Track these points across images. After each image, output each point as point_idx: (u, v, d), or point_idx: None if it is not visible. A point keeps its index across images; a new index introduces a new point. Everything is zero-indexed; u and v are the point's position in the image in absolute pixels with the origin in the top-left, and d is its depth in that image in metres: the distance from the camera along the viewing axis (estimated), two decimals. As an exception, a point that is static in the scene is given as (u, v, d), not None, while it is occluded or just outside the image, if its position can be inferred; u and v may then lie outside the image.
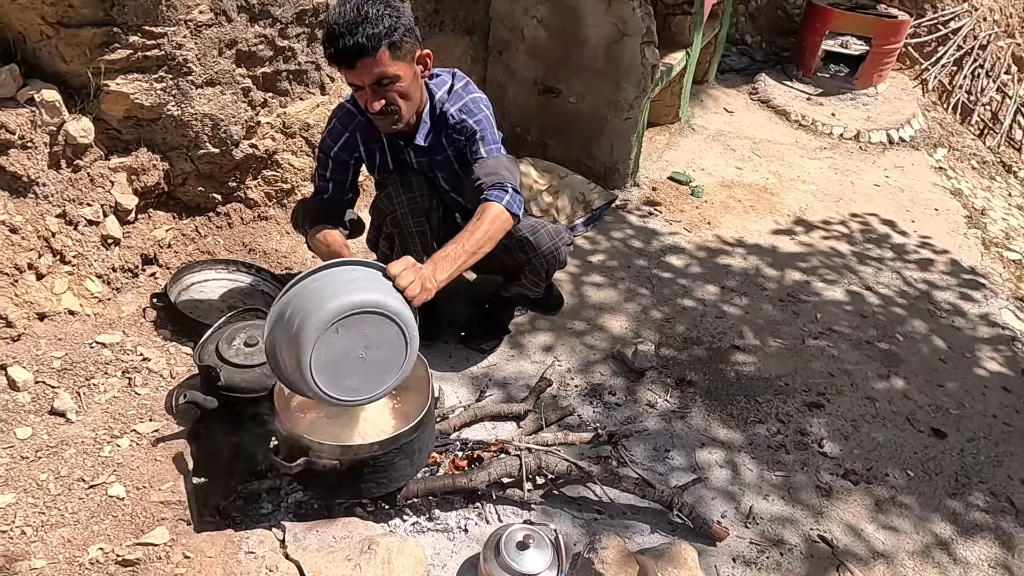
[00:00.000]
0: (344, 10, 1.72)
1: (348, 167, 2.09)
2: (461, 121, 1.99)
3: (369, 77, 1.78)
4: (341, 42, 1.71)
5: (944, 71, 5.34)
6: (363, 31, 1.70)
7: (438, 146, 2.06)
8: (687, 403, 2.37)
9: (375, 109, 1.82)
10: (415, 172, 2.12)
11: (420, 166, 2.12)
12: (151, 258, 2.32)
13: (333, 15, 1.73)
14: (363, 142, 2.06)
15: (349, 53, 1.72)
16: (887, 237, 3.64)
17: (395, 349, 1.51)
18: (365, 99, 1.83)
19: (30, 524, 1.47)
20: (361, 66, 1.75)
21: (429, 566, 1.74)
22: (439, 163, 2.11)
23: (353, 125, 2.03)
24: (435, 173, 2.15)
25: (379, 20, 1.71)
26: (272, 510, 1.82)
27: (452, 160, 2.10)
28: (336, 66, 1.80)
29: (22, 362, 1.78)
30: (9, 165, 1.88)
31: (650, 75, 3.26)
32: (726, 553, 1.90)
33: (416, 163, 2.12)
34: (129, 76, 2.05)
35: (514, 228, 1.91)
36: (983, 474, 2.29)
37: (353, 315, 1.42)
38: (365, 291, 1.46)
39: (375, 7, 1.72)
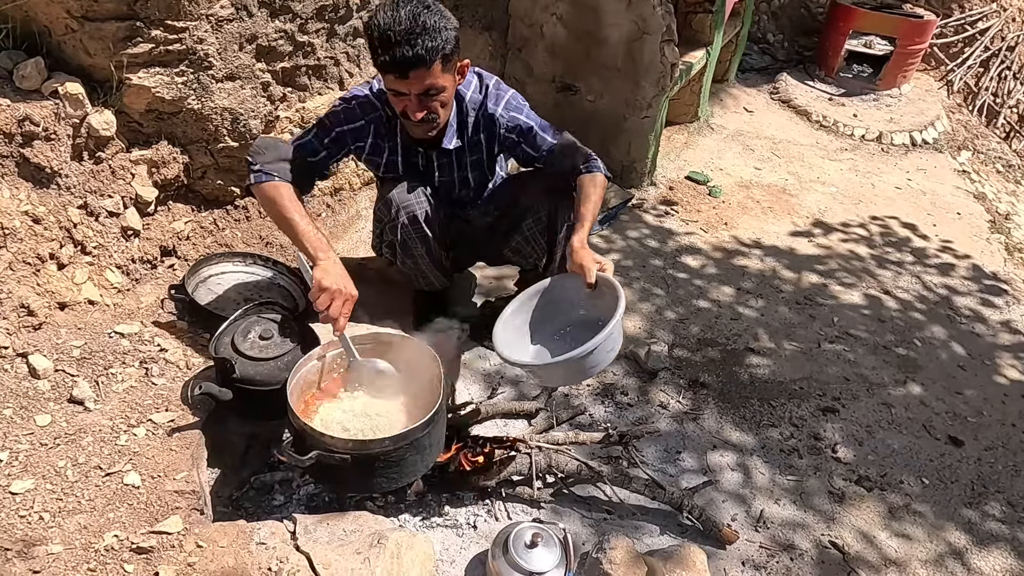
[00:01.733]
0: (399, 16, 1.68)
1: (344, 149, 2.01)
2: (512, 119, 2.00)
3: (418, 88, 1.76)
4: (399, 51, 1.68)
5: (970, 72, 5.25)
6: (422, 43, 1.68)
7: (470, 147, 2.06)
8: (700, 405, 2.36)
9: (417, 118, 1.82)
10: (417, 176, 2.09)
11: (439, 168, 2.10)
12: (170, 250, 2.35)
13: (385, 19, 1.69)
14: (374, 135, 2.02)
15: (405, 63, 1.70)
16: (907, 241, 3.59)
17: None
18: (405, 105, 1.81)
19: (48, 510, 1.50)
20: (414, 76, 1.73)
21: (438, 561, 1.75)
22: (469, 163, 2.10)
23: (371, 116, 1.99)
24: (455, 175, 2.13)
25: (437, 32, 1.70)
26: (284, 502, 1.84)
27: (483, 161, 2.10)
28: (383, 71, 1.76)
29: (43, 350, 1.81)
30: (33, 156, 1.91)
31: (669, 74, 3.24)
32: (735, 557, 1.89)
33: (437, 166, 2.09)
34: (151, 70, 2.07)
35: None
36: (1000, 483, 2.26)
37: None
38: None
39: (432, 17, 1.70)
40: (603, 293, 1.77)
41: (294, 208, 1.78)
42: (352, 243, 2.84)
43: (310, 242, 1.74)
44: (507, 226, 2.21)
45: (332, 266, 1.70)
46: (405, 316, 2.44)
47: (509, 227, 2.20)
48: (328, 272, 1.67)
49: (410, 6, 1.70)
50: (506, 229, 2.22)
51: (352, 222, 2.95)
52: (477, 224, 2.28)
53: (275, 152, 1.87)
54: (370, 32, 1.73)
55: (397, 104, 1.84)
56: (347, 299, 1.67)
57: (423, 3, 1.72)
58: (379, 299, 2.54)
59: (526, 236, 2.19)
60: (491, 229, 2.27)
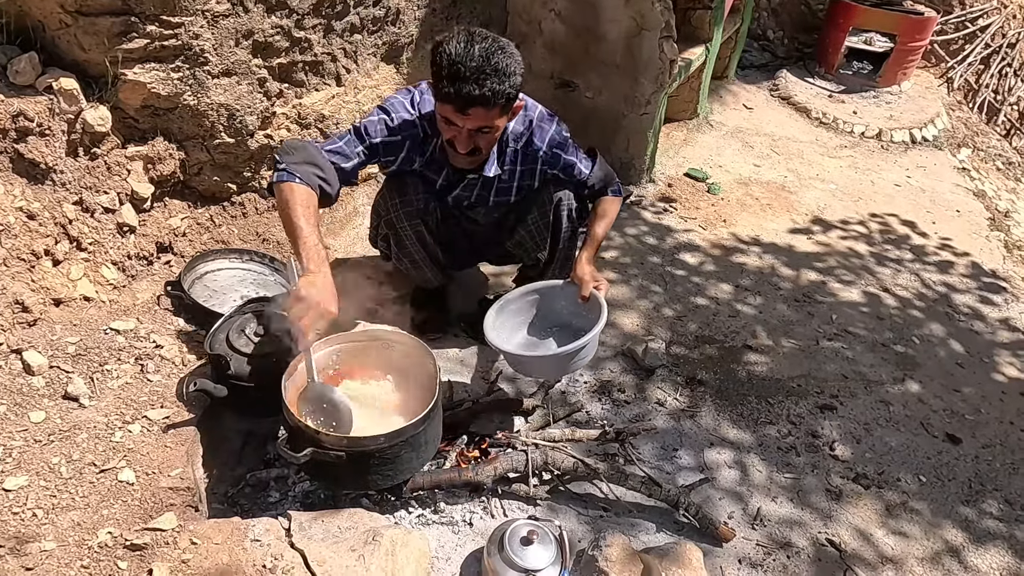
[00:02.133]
0: (472, 52, 1.67)
1: (375, 158, 2.00)
2: (554, 156, 2.05)
3: (473, 124, 1.77)
4: (465, 88, 1.67)
5: (970, 70, 5.24)
6: (490, 85, 1.68)
7: (505, 174, 2.06)
8: (697, 402, 2.35)
9: (463, 151, 1.83)
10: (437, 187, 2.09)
11: (466, 186, 2.09)
12: (166, 246, 2.34)
13: (457, 51, 1.67)
14: (408, 150, 1.99)
15: (469, 100, 1.69)
16: (907, 238, 3.58)
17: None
18: (454, 135, 1.82)
19: (41, 506, 1.50)
20: (473, 114, 1.73)
21: (433, 558, 1.75)
22: (496, 188, 2.11)
23: (408, 133, 1.96)
24: (475, 193, 2.12)
25: (506, 77, 1.70)
26: (279, 499, 1.84)
27: (512, 188, 2.11)
28: (442, 100, 1.75)
29: (37, 347, 1.81)
30: (28, 152, 1.90)
31: (668, 70, 3.23)
32: (732, 554, 1.89)
33: (464, 184, 2.08)
34: (146, 65, 2.06)
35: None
36: (998, 481, 2.25)
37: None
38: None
39: (504, 59, 1.69)
40: (592, 308, 1.99)
41: (303, 214, 1.71)
42: (349, 240, 2.83)
43: (307, 252, 1.67)
44: (512, 220, 2.21)
45: (320, 279, 1.63)
46: (402, 313, 2.44)
47: (514, 221, 2.21)
48: (313, 284, 1.61)
49: (485, 44, 1.69)
50: (511, 224, 2.22)
51: (349, 219, 2.94)
52: (482, 222, 2.27)
53: (303, 154, 1.81)
54: (438, 59, 1.71)
55: (446, 132, 1.84)
56: (322, 314, 1.60)
57: (498, 43, 1.72)
58: (376, 296, 2.54)
59: (530, 230, 2.19)
60: (496, 225, 2.27)
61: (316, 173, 1.79)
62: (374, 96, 2.92)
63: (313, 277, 1.63)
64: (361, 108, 2.87)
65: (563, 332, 2.11)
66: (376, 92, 2.92)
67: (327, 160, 1.85)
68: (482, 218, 2.26)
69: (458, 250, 2.34)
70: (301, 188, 1.75)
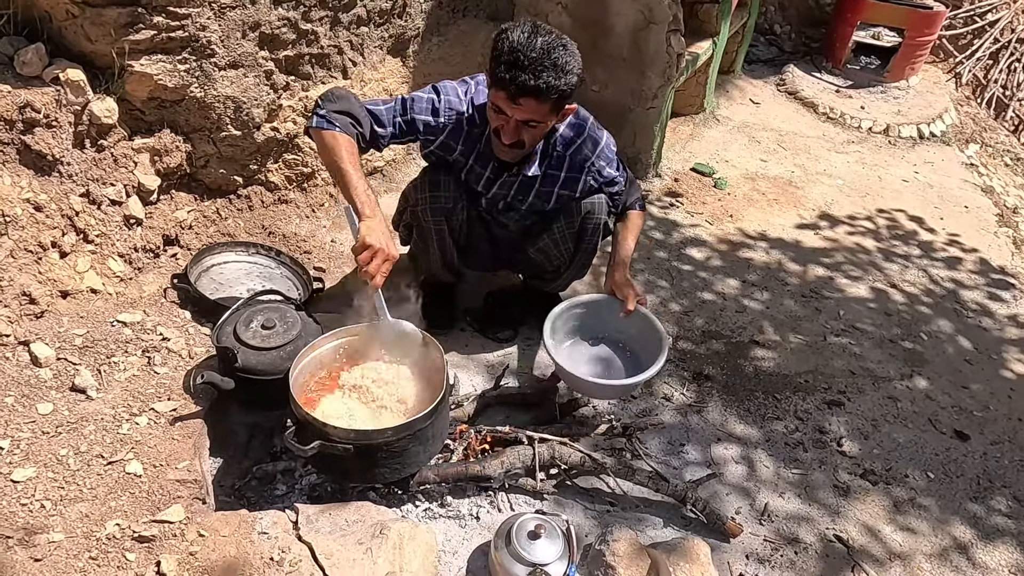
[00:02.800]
0: (534, 43, 1.67)
1: (412, 135, 1.97)
2: (601, 169, 2.07)
3: (522, 115, 1.77)
4: (521, 76, 1.67)
5: (979, 65, 5.20)
6: (545, 78, 1.68)
7: (547, 177, 2.06)
8: (704, 397, 2.35)
9: (507, 142, 1.84)
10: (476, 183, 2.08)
11: (503, 185, 2.08)
12: (173, 239, 2.34)
13: (519, 40, 1.68)
14: (448, 136, 1.97)
15: (523, 89, 1.69)
16: (914, 234, 3.56)
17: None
18: (501, 124, 1.82)
19: (49, 498, 1.50)
20: (524, 104, 1.73)
21: (440, 552, 1.75)
22: (538, 193, 2.10)
23: (451, 120, 1.95)
24: (512, 193, 2.10)
25: (562, 74, 1.70)
26: (287, 491, 1.84)
27: (550, 193, 2.10)
28: (496, 86, 1.75)
29: (45, 339, 1.81)
30: (35, 144, 1.89)
31: (675, 64, 3.21)
32: (739, 550, 1.88)
33: (502, 182, 2.07)
34: (153, 57, 2.06)
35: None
36: (1006, 478, 2.24)
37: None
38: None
39: (564, 55, 1.70)
40: (635, 322, 2.09)
41: (350, 161, 1.74)
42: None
43: (359, 197, 1.70)
44: (538, 227, 2.20)
45: (378, 224, 1.68)
46: (410, 306, 2.43)
47: (540, 228, 2.20)
48: (373, 230, 1.65)
49: (548, 37, 1.70)
50: (537, 230, 2.21)
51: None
52: (512, 228, 2.25)
53: (345, 104, 1.82)
54: (499, 45, 1.71)
55: (494, 120, 1.84)
56: (387, 258, 1.65)
57: (561, 40, 1.72)
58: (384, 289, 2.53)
59: (555, 238, 2.18)
60: (523, 232, 2.25)
61: (352, 124, 1.82)
62: (380, 89, 2.91)
63: (370, 222, 1.68)
64: (367, 101, 2.86)
65: (607, 343, 2.20)
66: (382, 85, 2.91)
67: (366, 115, 1.87)
68: (513, 224, 2.24)
69: (479, 254, 2.33)
70: (342, 136, 1.77)
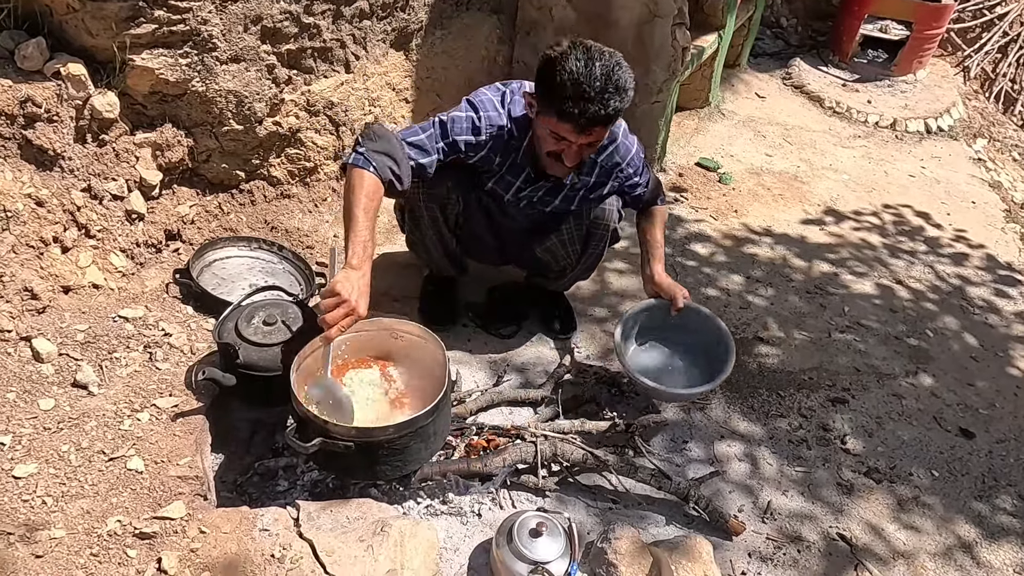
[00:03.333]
0: (594, 71, 1.64)
1: (456, 155, 1.92)
2: (629, 175, 2.07)
3: (587, 140, 1.75)
4: (591, 108, 1.65)
5: (988, 58, 5.15)
6: (613, 104, 1.67)
7: (578, 183, 2.05)
8: (707, 394, 2.33)
9: (571, 164, 1.83)
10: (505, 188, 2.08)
11: (535, 189, 2.06)
12: (175, 234, 2.33)
13: (580, 71, 1.63)
14: (490, 149, 1.94)
15: (594, 120, 1.68)
16: (920, 230, 3.54)
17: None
18: (563, 149, 1.79)
19: (51, 494, 1.50)
20: (594, 133, 1.72)
21: (442, 549, 1.74)
22: (566, 197, 2.09)
23: (493, 136, 1.92)
24: (540, 196, 2.09)
25: (625, 93, 1.69)
26: (288, 488, 1.83)
27: (575, 197, 2.08)
28: (562, 119, 1.70)
29: (46, 334, 1.81)
30: (36, 139, 1.89)
31: (680, 58, 3.19)
32: (742, 548, 1.87)
33: (534, 187, 2.05)
34: (154, 51, 2.04)
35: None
36: (1011, 477, 2.23)
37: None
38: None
39: (623, 75, 1.68)
40: (686, 319, 2.19)
41: (364, 204, 1.68)
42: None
43: (355, 245, 1.65)
44: (547, 226, 2.18)
45: (357, 277, 1.62)
46: (411, 302, 2.43)
47: (549, 228, 2.17)
48: (349, 280, 1.60)
49: (604, 61, 1.67)
50: (545, 230, 2.19)
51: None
52: (519, 220, 2.21)
53: (385, 143, 1.77)
54: (557, 78, 1.66)
55: (553, 146, 1.81)
56: (350, 312, 1.59)
57: (615, 58, 1.69)
58: (386, 284, 2.53)
59: (563, 239, 2.16)
60: (530, 230, 2.22)
61: (391, 167, 1.77)
62: (383, 83, 2.89)
63: (352, 273, 1.62)
64: (370, 95, 2.84)
65: (660, 340, 2.32)
66: (385, 79, 2.90)
67: (405, 155, 1.82)
68: (522, 217, 2.19)
69: (483, 244, 2.31)
70: (371, 178, 1.72)
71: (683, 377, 2.24)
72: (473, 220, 2.19)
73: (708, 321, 2.20)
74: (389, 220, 2.82)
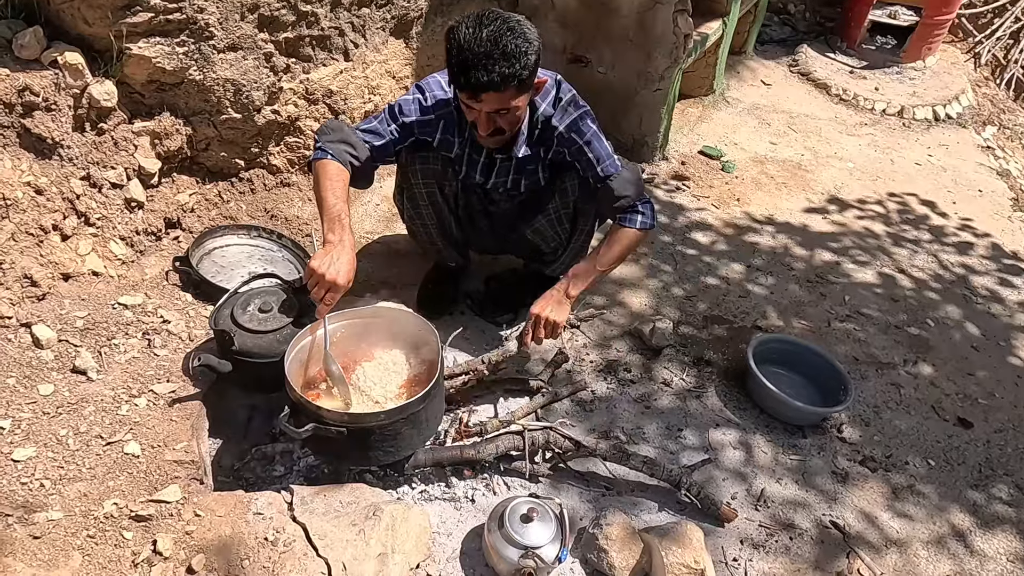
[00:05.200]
0: (480, 36, 1.65)
1: (410, 137, 1.99)
2: (570, 140, 1.97)
3: (488, 107, 1.76)
4: (473, 75, 1.66)
5: (999, 44, 5.07)
6: (498, 69, 1.66)
7: (532, 157, 2.04)
8: (704, 382, 2.34)
9: (483, 133, 1.83)
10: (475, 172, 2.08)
11: (499, 171, 2.08)
12: (174, 222, 2.35)
13: (466, 37, 1.65)
14: (443, 131, 1.99)
15: (478, 87, 1.68)
16: (925, 218, 3.50)
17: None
18: (475, 118, 1.81)
19: (49, 477, 1.53)
20: (486, 98, 1.72)
21: (435, 534, 1.76)
22: (527, 172, 2.09)
23: (442, 112, 1.96)
24: (509, 177, 2.09)
25: (515, 58, 1.66)
26: (284, 473, 1.86)
27: (540, 170, 2.08)
28: (454, 86, 1.76)
29: (46, 321, 1.83)
30: (34, 127, 1.91)
31: (683, 45, 3.16)
32: (734, 535, 1.88)
33: (498, 169, 2.07)
34: (151, 40, 2.05)
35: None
36: (1009, 466, 2.22)
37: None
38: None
39: (514, 41, 1.66)
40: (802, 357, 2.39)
41: (330, 187, 1.77)
42: (358, 216, 2.82)
43: (329, 221, 1.73)
44: (534, 207, 2.19)
45: (336, 251, 1.67)
46: (410, 290, 2.44)
47: (535, 208, 2.18)
48: (326, 255, 1.66)
49: (493, 26, 1.66)
50: (532, 210, 2.19)
51: (361, 193, 2.92)
52: (503, 206, 2.24)
53: (339, 134, 1.88)
54: (449, 44, 1.70)
55: (468, 115, 1.84)
56: (330, 287, 1.64)
57: (507, 23, 1.68)
58: (385, 272, 2.54)
59: (551, 219, 2.16)
60: (518, 211, 2.24)
61: (348, 151, 1.87)
62: (382, 71, 2.89)
63: (328, 248, 1.69)
64: (369, 83, 2.85)
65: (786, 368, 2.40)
66: (385, 67, 2.90)
67: (360, 139, 1.91)
68: (506, 201, 2.22)
69: (480, 231, 2.33)
70: (333, 164, 1.83)
71: (799, 397, 2.25)
72: (469, 205, 2.21)
73: (822, 359, 2.36)
74: (388, 208, 2.83)
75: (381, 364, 1.88)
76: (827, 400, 2.26)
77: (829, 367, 2.33)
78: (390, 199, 2.65)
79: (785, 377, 2.34)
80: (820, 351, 2.38)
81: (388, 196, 2.66)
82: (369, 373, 1.85)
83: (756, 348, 2.31)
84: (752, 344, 2.31)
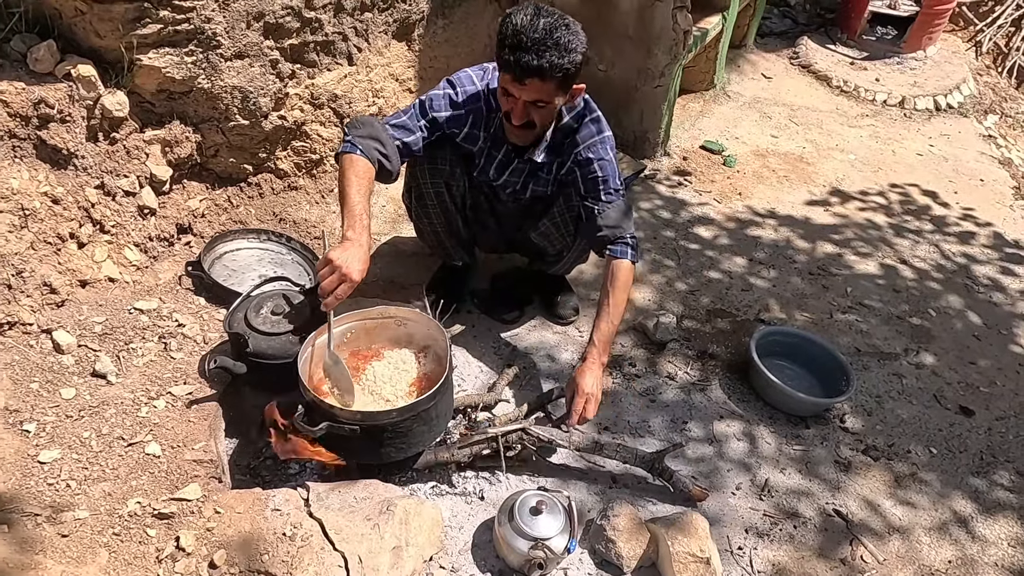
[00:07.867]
0: (536, 24, 1.69)
1: (438, 131, 2.00)
2: (587, 159, 2.01)
3: (529, 96, 1.79)
4: (524, 57, 1.70)
5: (1000, 32, 5.07)
6: (548, 57, 1.70)
7: (547, 165, 2.08)
8: (707, 375, 2.38)
9: (517, 123, 1.86)
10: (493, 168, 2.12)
11: (514, 171, 2.11)
12: (186, 227, 2.40)
13: (522, 22, 1.70)
14: (471, 125, 2.02)
15: (527, 70, 1.72)
16: (927, 209, 3.53)
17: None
18: (511, 106, 1.84)
19: (74, 478, 1.58)
20: (530, 85, 1.76)
21: (447, 527, 1.81)
22: (538, 179, 2.13)
23: (472, 107, 1.99)
24: (521, 179, 2.13)
25: (566, 51, 1.71)
26: (299, 470, 1.91)
27: (550, 182, 2.12)
28: (502, 68, 1.78)
29: (66, 327, 1.89)
30: (50, 138, 1.95)
31: (682, 41, 3.19)
32: (739, 524, 1.93)
33: (513, 169, 2.10)
34: (160, 50, 2.10)
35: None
36: (1010, 453, 2.25)
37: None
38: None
39: (567, 36, 1.71)
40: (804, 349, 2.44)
41: (356, 183, 1.78)
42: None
43: (349, 219, 1.74)
44: (539, 210, 2.23)
45: (353, 247, 1.68)
46: (416, 289, 2.49)
47: (541, 211, 2.22)
48: (345, 250, 1.67)
49: (550, 19, 1.72)
50: (538, 213, 2.23)
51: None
52: (510, 207, 2.28)
53: (369, 129, 1.88)
54: (503, 28, 1.74)
55: (504, 103, 1.87)
56: (344, 279, 1.65)
57: (563, 20, 1.74)
58: (392, 272, 2.59)
59: (556, 222, 2.20)
60: (524, 214, 2.28)
61: (377, 148, 1.86)
62: (386, 74, 2.93)
63: (346, 243, 1.69)
64: (373, 87, 2.89)
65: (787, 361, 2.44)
66: (388, 70, 2.94)
67: (389, 136, 1.91)
68: (513, 203, 2.26)
69: (487, 230, 2.37)
70: (360, 160, 1.82)
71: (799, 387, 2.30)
72: (476, 204, 2.25)
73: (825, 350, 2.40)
74: (395, 209, 2.88)
75: (391, 363, 1.92)
76: (829, 391, 2.30)
77: (831, 358, 2.36)
78: (397, 200, 2.69)
79: (788, 369, 2.38)
80: (822, 342, 2.41)
81: (395, 197, 2.70)
82: (379, 372, 1.89)
83: (759, 341, 2.34)
84: (755, 337, 2.35)
